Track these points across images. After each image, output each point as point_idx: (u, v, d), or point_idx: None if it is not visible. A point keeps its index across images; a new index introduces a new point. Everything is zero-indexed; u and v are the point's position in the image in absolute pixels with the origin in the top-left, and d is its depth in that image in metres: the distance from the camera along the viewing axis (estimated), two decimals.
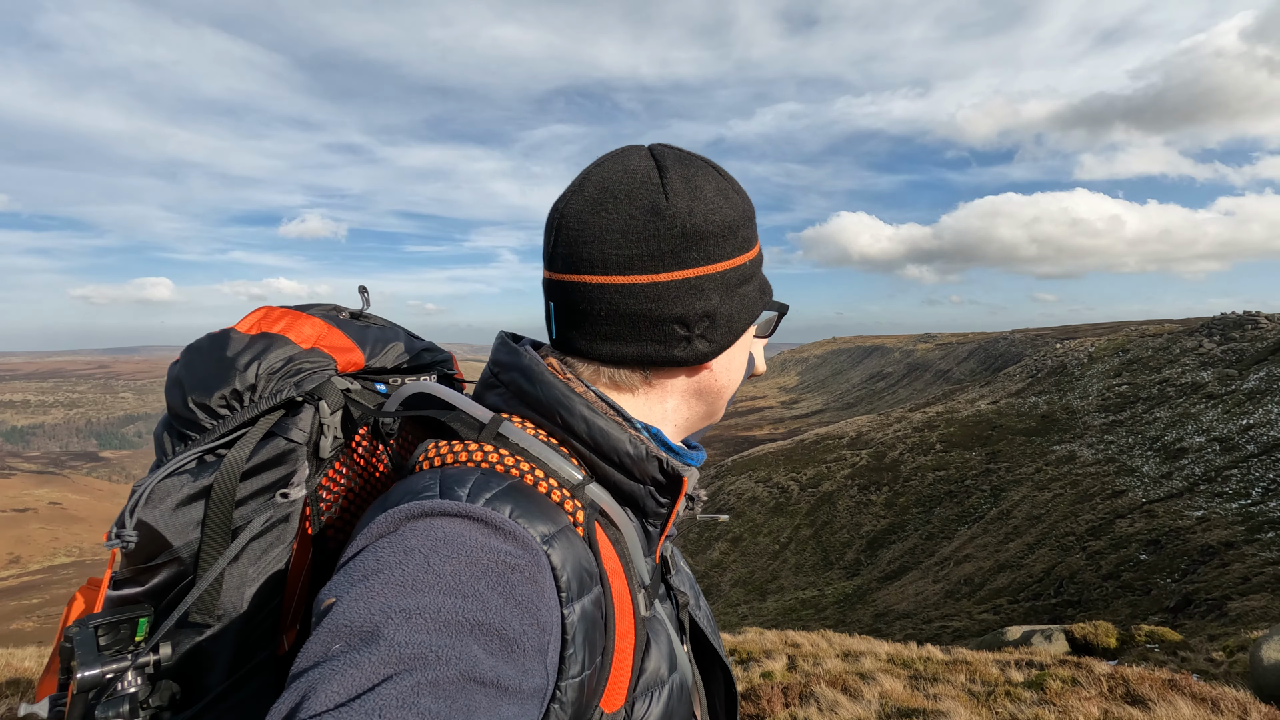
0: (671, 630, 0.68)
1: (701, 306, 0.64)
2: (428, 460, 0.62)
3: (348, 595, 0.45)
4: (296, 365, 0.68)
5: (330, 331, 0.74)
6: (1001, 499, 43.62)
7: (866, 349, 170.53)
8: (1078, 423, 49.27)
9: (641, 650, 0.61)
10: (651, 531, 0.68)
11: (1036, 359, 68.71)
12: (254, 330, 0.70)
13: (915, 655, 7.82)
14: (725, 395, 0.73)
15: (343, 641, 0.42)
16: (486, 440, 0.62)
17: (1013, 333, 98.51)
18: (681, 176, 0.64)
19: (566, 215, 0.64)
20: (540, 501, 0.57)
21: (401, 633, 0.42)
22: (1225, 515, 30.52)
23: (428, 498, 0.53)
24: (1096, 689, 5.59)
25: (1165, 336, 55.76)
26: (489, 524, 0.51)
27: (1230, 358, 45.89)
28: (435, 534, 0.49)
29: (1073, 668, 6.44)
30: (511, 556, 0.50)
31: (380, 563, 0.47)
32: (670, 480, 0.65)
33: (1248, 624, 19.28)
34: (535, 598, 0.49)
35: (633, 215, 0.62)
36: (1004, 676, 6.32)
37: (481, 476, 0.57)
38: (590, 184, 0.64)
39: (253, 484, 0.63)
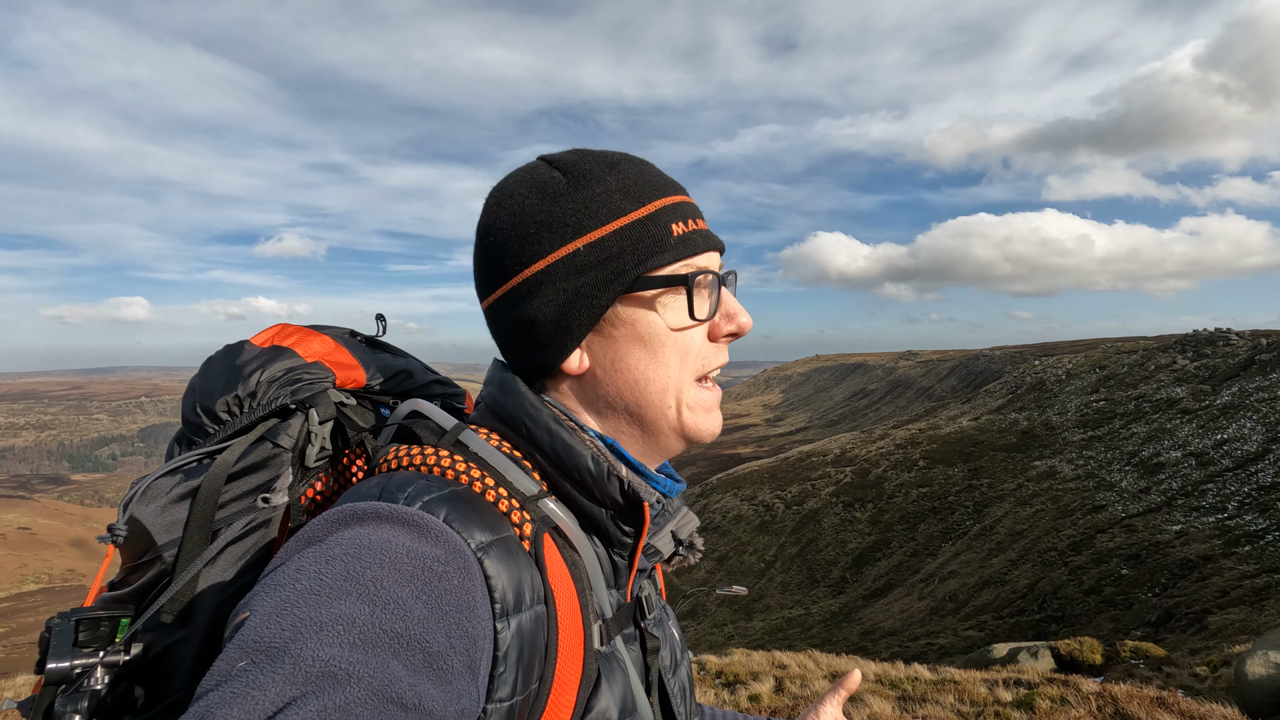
0: (634, 675, 0.63)
1: (522, 314, 0.63)
2: (385, 463, 0.61)
3: (261, 608, 0.42)
4: (296, 375, 0.70)
5: (337, 349, 0.76)
6: (984, 515, 43.87)
7: (849, 366, 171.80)
8: (1057, 439, 49.84)
9: (589, 686, 0.56)
10: (618, 563, 0.64)
11: (1016, 376, 69.59)
12: (267, 344, 0.73)
13: (903, 675, 7.75)
14: (641, 400, 0.64)
15: (249, 658, 0.38)
16: (444, 446, 0.60)
17: (992, 350, 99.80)
18: (496, 188, 0.66)
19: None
20: (484, 509, 0.55)
21: (310, 648, 0.38)
22: (1203, 529, 30.91)
23: (363, 501, 0.51)
24: (1085, 708, 5.55)
25: (1140, 353, 56.80)
26: (419, 528, 0.48)
27: (1204, 374, 46.79)
28: (361, 540, 0.46)
29: (1060, 686, 6.41)
30: (440, 563, 0.47)
31: (300, 572, 0.44)
32: (631, 504, 0.60)
33: (1228, 637, 19.43)
34: (464, 608, 0.46)
35: (476, 242, 0.67)
36: (992, 696, 6.27)
37: (424, 481, 0.55)
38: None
39: (238, 487, 0.64)
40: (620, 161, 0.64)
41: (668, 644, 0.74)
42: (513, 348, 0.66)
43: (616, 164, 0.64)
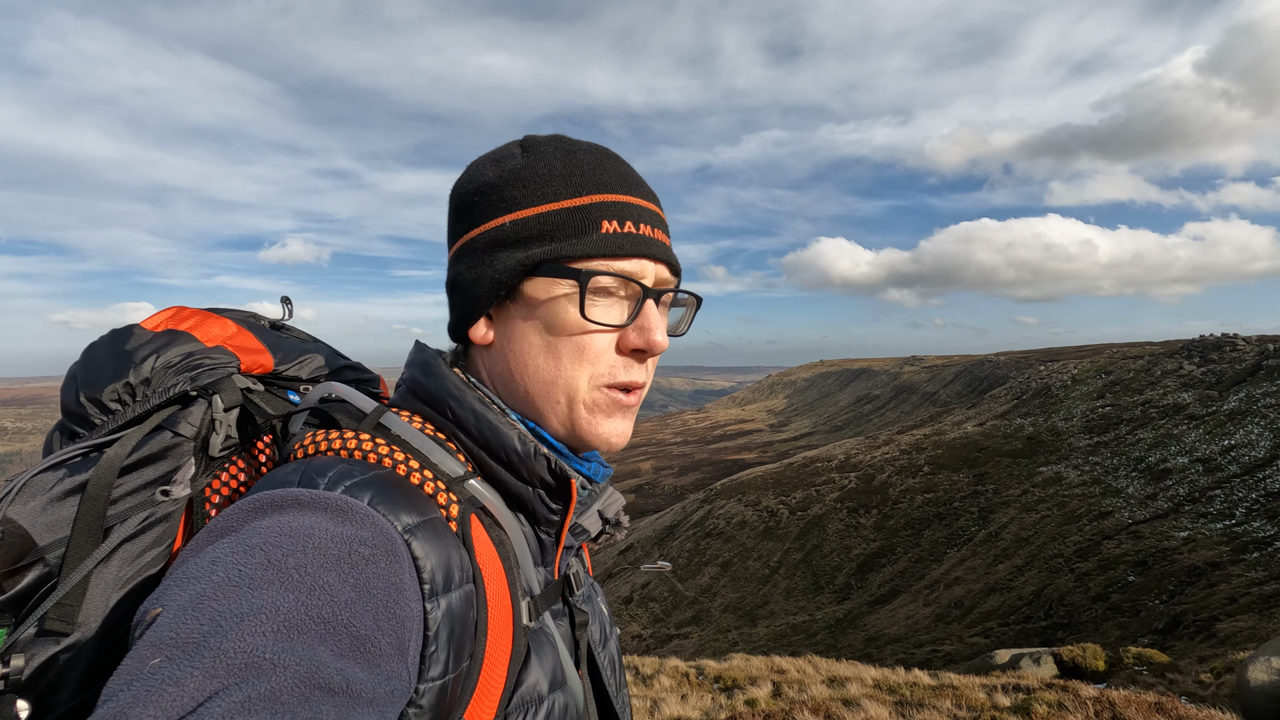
0: (563, 649, 0.64)
1: (451, 275, 0.66)
2: (301, 449, 0.58)
3: (174, 602, 0.39)
4: (195, 361, 0.66)
5: (239, 333, 0.72)
6: (990, 521, 43.63)
7: (854, 371, 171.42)
8: (1063, 444, 49.59)
9: (520, 661, 0.56)
10: (545, 540, 0.65)
11: (1021, 381, 69.32)
12: (160, 328, 0.69)
13: (902, 680, 7.71)
14: (522, 383, 0.63)
15: (163, 654, 0.36)
16: (364, 429, 0.59)
17: (997, 355, 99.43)
18: (477, 158, 0.67)
19: None
20: (409, 492, 0.54)
21: (231, 639, 0.36)
22: (1210, 536, 30.68)
23: (281, 489, 0.49)
24: (1082, 713, 5.51)
25: (1146, 358, 56.50)
26: (343, 512, 0.47)
27: (1210, 379, 46.50)
28: (281, 527, 0.44)
29: (1059, 691, 6.36)
30: (366, 546, 0.45)
31: (215, 563, 0.42)
32: (559, 483, 0.61)
33: (1236, 645, 19.25)
34: (392, 590, 0.45)
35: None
36: (990, 701, 6.23)
37: (345, 465, 0.53)
38: None
39: (132, 480, 0.59)
40: (580, 151, 0.64)
41: (596, 619, 0.74)
42: (449, 307, 0.68)
43: (574, 152, 0.63)
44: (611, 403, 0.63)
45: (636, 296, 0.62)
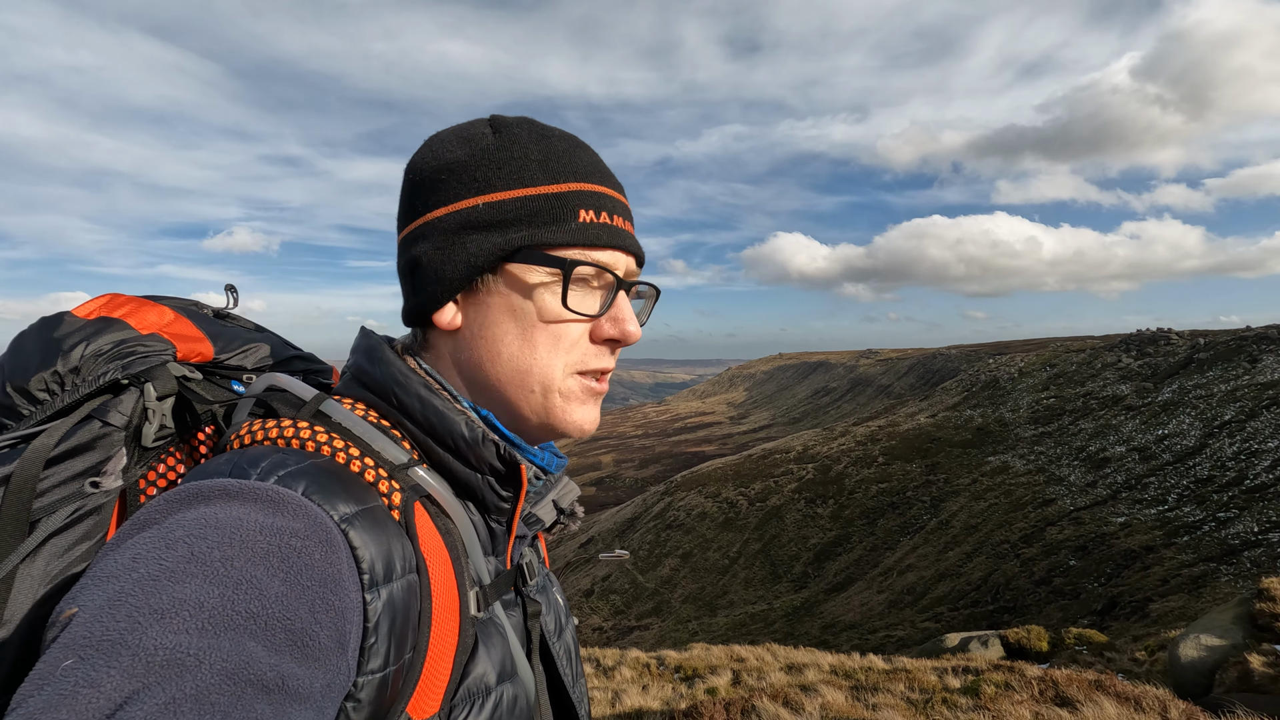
0: (513, 638, 0.62)
1: (410, 255, 0.63)
2: (237, 439, 0.56)
3: (90, 602, 0.37)
4: (128, 349, 0.62)
5: (177, 320, 0.68)
6: (941, 509, 45.01)
7: (811, 365, 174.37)
8: (1010, 434, 51.37)
9: (466, 652, 0.55)
10: (496, 529, 0.63)
11: (971, 374, 71.54)
12: (93, 315, 0.65)
13: (858, 665, 7.90)
14: (492, 371, 0.62)
15: (76, 656, 0.34)
16: (303, 418, 0.57)
17: (948, 349, 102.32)
18: (435, 134, 0.66)
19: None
20: (348, 480, 0.52)
21: (151, 636, 0.34)
22: (1145, 521, 32.23)
23: (210, 479, 0.47)
24: (1028, 692, 5.74)
25: (1087, 352, 58.88)
26: (274, 503, 0.45)
27: (1146, 372, 48.76)
28: (206, 519, 0.42)
29: (1006, 672, 6.61)
30: (298, 538, 0.43)
31: (136, 560, 0.39)
32: (509, 469, 0.59)
33: (1167, 624, 20.32)
34: (328, 582, 0.43)
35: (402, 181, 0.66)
36: (941, 683, 6.44)
37: (279, 454, 0.51)
38: None
39: (60, 472, 0.55)
40: (554, 137, 0.63)
41: (551, 610, 0.73)
42: (403, 290, 0.65)
43: (548, 137, 0.63)
44: (585, 390, 0.63)
45: (610, 287, 0.63)
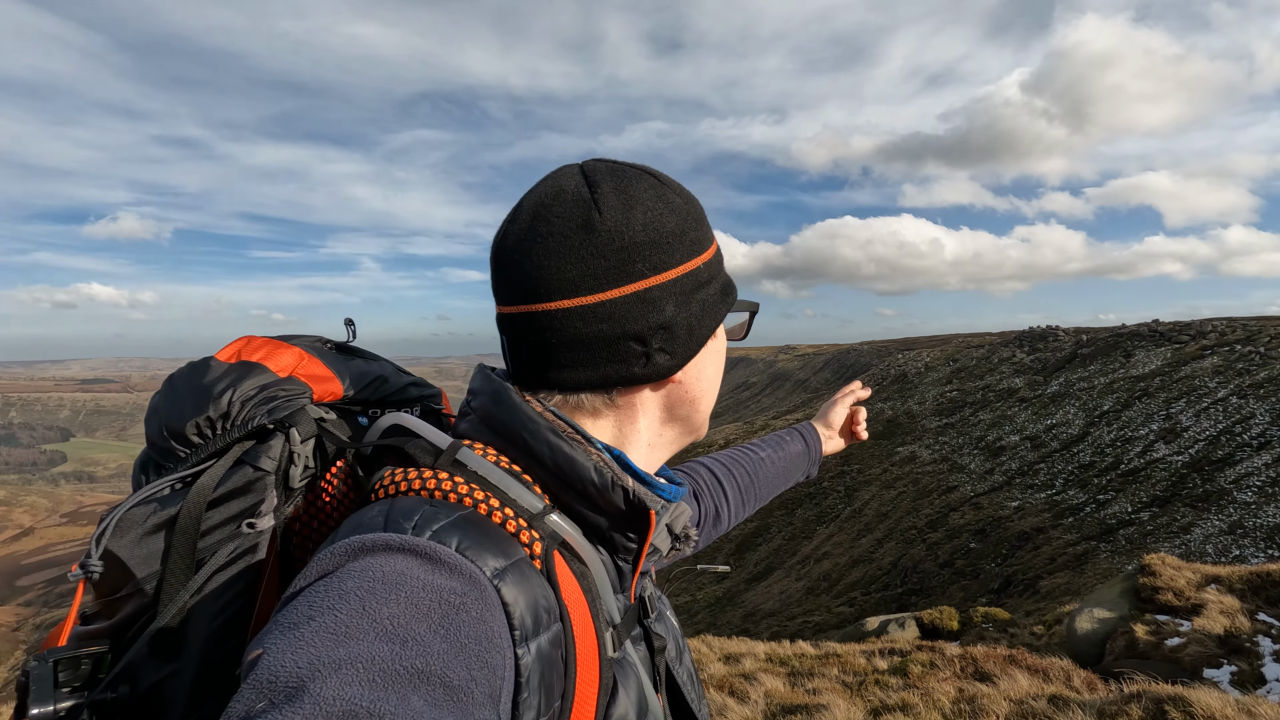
0: (644, 675, 0.64)
1: (656, 319, 0.61)
2: (382, 489, 0.59)
3: (275, 646, 0.41)
4: (270, 393, 0.66)
5: (309, 360, 0.72)
6: (854, 498, 47.13)
7: (733, 360, 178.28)
8: (917, 426, 54.34)
9: (607, 694, 0.56)
10: (623, 568, 0.64)
11: (882, 368, 75.16)
12: (233, 359, 0.69)
13: (790, 653, 8.19)
14: (701, 407, 0.69)
15: (266, 699, 0.38)
16: (442, 467, 0.59)
17: (861, 344, 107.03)
18: (614, 189, 0.61)
19: (505, 245, 0.62)
20: (493, 533, 0.54)
21: (330, 687, 0.37)
22: (1036, 504, 34.88)
23: (371, 532, 0.50)
24: (951, 669, 6.13)
25: (986, 348, 62.99)
26: (433, 559, 0.47)
27: (1037, 366, 52.66)
28: (374, 573, 0.45)
29: (929, 651, 7.04)
30: (456, 595, 0.46)
31: (313, 608, 0.43)
32: (638, 512, 0.60)
33: (1055, 599, 22.11)
34: (483, 639, 0.45)
35: (568, 235, 0.60)
36: (871, 666, 6.78)
37: (431, 508, 0.54)
38: (523, 211, 0.63)
39: (219, 513, 0.61)
40: (691, 194, 0.70)
41: (671, 636, 0.75)
42: (604, 354, 0.61)
43: (692, 195, 0.70)
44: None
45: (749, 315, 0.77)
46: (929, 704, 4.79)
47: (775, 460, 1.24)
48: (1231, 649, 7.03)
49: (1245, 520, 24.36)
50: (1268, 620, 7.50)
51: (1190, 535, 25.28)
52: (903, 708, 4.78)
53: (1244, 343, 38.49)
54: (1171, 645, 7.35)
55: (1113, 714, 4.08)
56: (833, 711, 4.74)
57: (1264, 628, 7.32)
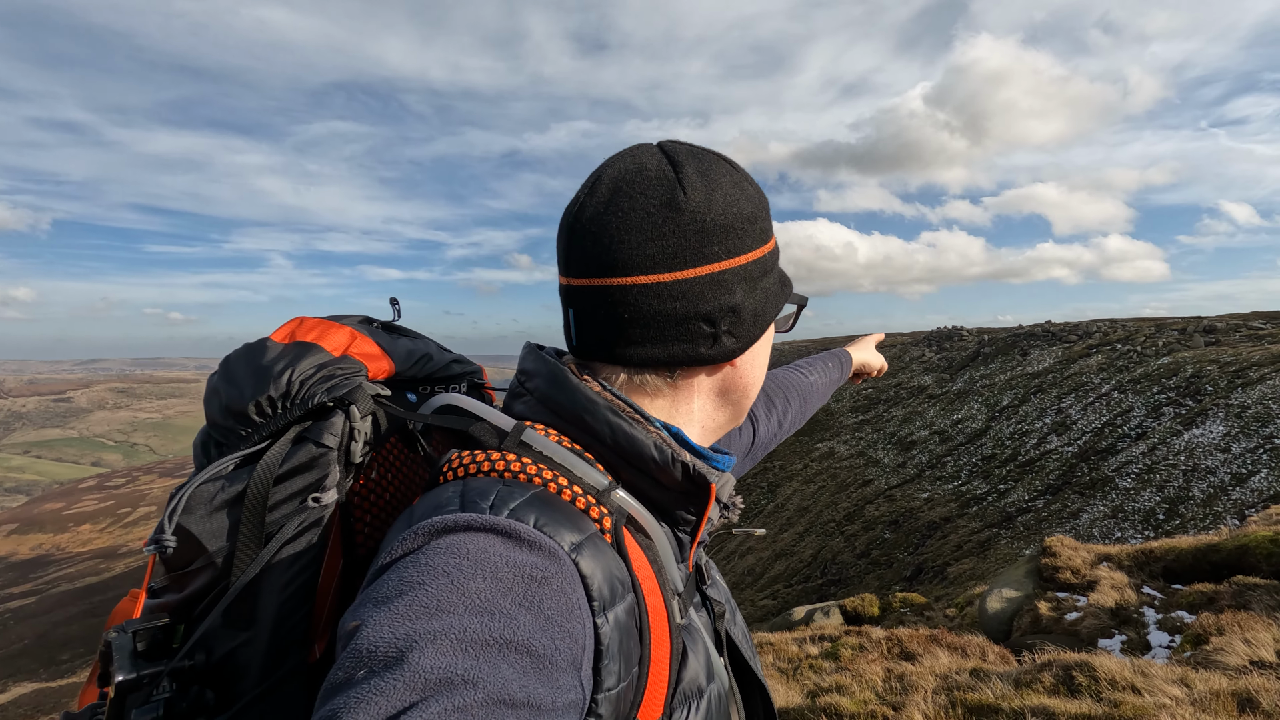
0: (708, 640, 0.67)
1: (727, 301, 0.63)
2: (451, 471, 0.60)
3: (372, 619, 0.44)
4: (328, 371, 0.68)
5: (360, 339, 0.74)
6: (777, 494, 48.56)
7: None
8: (835, 422, 56.51)
9: (678, 659, 0.59)
10: (683, 538, 0.67)
11: None
12: (288, 339, 0.71)
13: None
14: (751, 393, 0.72)
15: (367, 667, 0.41)
16: (509, 449, 0.61)
17: (783, 344, 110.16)
18: (696, 170, 0.62)
19: (581, 217, 0.63)
20: (566, 509, 0.56)
21: (427, 657, 0.41)
22: (944, 495, 36.98)
23: (450, 511, 0.52)
24: (878, 651, 6.44)
25: (898, 347, 66.20)
26: (514, 536, 0.50)
27: (944, 364, 55.81)
28: (459, 550, 0.48)
29: (856, 636, 7.37)
30: (538, 569, 0.48)
31: (404, 583, 0.46)
32: (697, 486, 0.62)
33: (961, 583, 23.52)
34: (565, 610, 0.48)
35: (650, 212, 0.60)
36: (804, 652, 7.04)
37: (505, 487, 0.56)
38: (604, 184, 0.63)
39: (286, 488, 0.63)
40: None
41: (724, 599, 0.79)
42: (673, 333, 0.63)
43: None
44: None
45: (797, 308, 0.78)
46: (862, 684, 5.02)
47: (821, 387, 1.30)
48: (1121, 620, 7.71)
49: (1126, 505, 26.67)
50: (1151, 593, 8.27)
51: (1079, 520, 27.44)
52: (838, 689, 4.99)
53: (1124, 342, 42.16)
54: (1070, 619, 7.99)
55: (1028, 682, 4.41)
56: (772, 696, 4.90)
57: (1148, 599, 8.07)
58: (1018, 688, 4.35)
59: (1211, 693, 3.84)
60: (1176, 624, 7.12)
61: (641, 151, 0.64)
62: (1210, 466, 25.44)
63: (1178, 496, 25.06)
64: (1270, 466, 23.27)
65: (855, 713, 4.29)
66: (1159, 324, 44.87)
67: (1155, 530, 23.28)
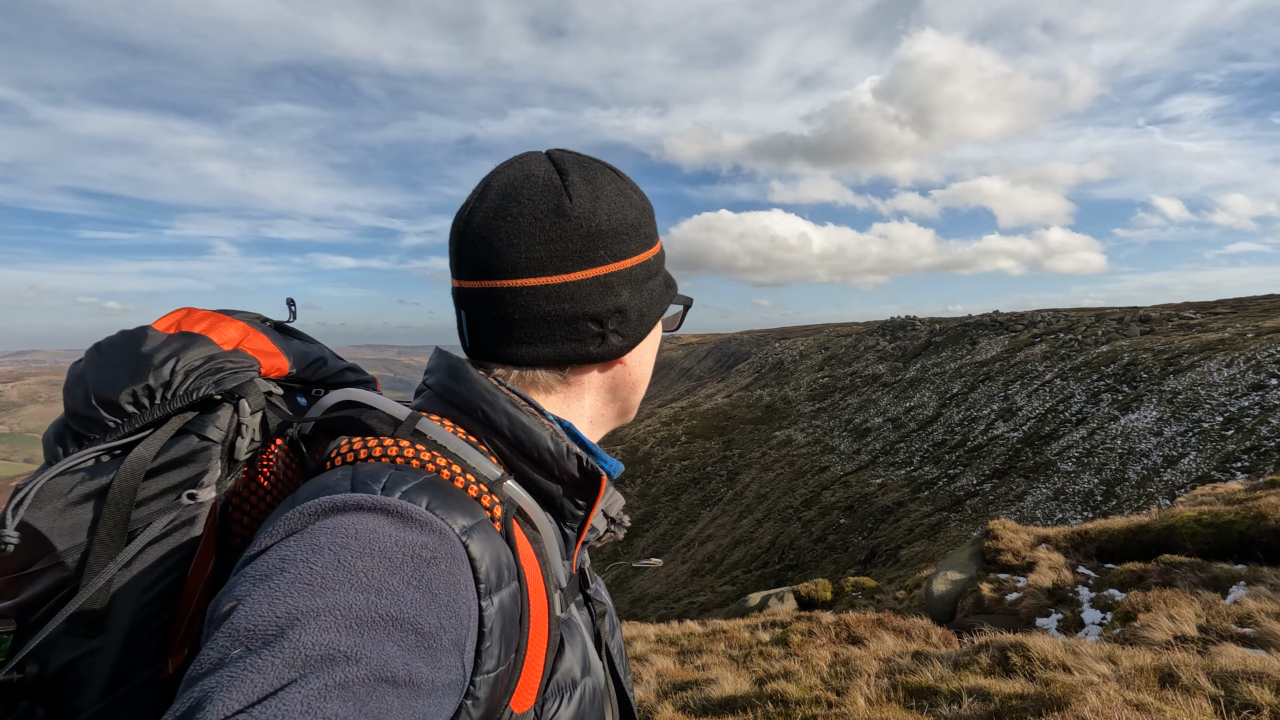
0: (588, 637, 0.69)
1: (613, 302, 0.66)
2: (340, 456, 0.60)
3: (249, 597, 0.42)
4: (218, 364, 0.65)
5: (254, 335, 0.72)
6: (736, 481, 49.13)
7: None
8: (793, 411, 57.40)
9: (554, 649, 0.61)
10: (569, 535, 0.67)
11: (761, 356, 78.65)
12: (173, 329, 0.67)
13: (680, 632, 8.43)
14: (639, 390, 0.75)
15: (243, 645, 0.39)
16: (403, 436, 0.61)
17: (742, 333, 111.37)
18: (582, 178, 0.66)
19: (472, 222, 0.65)
20: (458, 495, 0.56)
21: (309, 633, 0.39)
22: (897, 480, 37.96)
23: (339, 493, 0.52)
24: (827, 636, 6.56)
25: (854, 336, 67.53)
26: (405, 517, 0.50)
27: (898, 353, 57.13)
28: (347, 529, 0.47)
29: (807, 621, 7.49)
30: (428, 549, 0.48)
31: (286, 561, 0.44)
32: (589, 479, 0.64)
33: (913, 566, 24.24)
34: (453, 590, 0.48)
35: (538, 218, 0.63)
36: (755, 639, 7.12)
37: (396, 471, 0.56)
38: (493, 190, 0.65)
39: (158, 483, 0.59)
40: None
41: (606, 610, 0.79)
42: (562, 333, 0.65)
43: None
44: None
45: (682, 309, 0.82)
46: (809, 669, 5.10)
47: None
48: (1058, 599, 8.01)
49: (1067, 487, 27.78)
50: (1085, 572, 8.62)
51: (1024, 502, 28.48)
52: (785, 675, 5.05)
53: (1066, 331, 43.77)
54: (1011, 599, 8.27)
55: (966, 663, 4.53)
56: (721, 684, 4.93)
57: (1083, 579, 8.41)
58: (956, 669, 4.47)
59: (1136, 669, 4.00)
60: (1108, 602, 7.43)
61: (530, 159, 0.67)
62: (1144, 450, 26.66)
63: (1114, 479, 26.21)
64: (1199, 449, 24.50)
65: (801, 699, 4.35)
66: (1099, 314, 46.78)
67: (1094, 511, 24.33)
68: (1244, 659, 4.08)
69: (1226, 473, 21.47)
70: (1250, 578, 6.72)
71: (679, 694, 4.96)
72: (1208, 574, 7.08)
